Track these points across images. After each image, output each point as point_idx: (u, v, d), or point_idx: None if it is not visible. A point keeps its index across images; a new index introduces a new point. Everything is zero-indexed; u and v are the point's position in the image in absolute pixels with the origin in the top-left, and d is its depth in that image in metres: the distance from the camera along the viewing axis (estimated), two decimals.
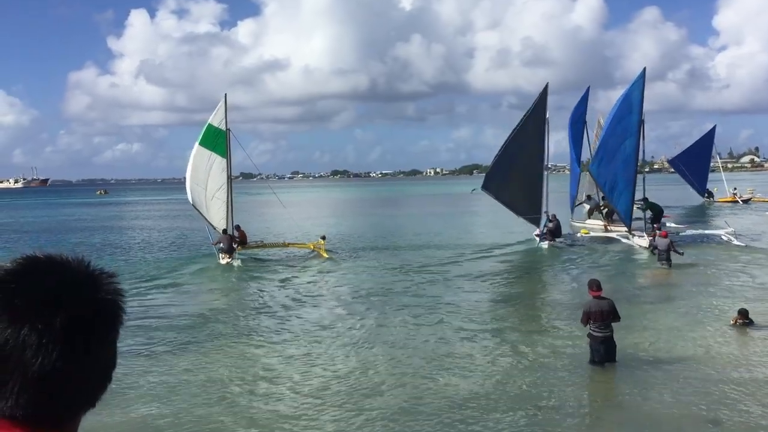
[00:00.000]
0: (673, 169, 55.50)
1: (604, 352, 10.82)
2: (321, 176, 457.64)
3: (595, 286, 11.00)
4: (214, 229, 26.85)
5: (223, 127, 27.35)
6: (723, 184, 53.80)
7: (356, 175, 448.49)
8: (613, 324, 10.86)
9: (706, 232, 30.46)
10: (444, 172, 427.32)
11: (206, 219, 27.19)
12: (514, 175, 29.34)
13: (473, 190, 30.63)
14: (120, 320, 1.20)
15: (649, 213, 30.24)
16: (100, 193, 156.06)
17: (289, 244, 28.62)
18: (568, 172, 47.08)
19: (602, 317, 10.74)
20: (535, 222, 29.35)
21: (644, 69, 29.68)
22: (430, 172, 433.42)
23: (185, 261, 27.08)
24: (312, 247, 27.71)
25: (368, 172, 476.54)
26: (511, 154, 29.48)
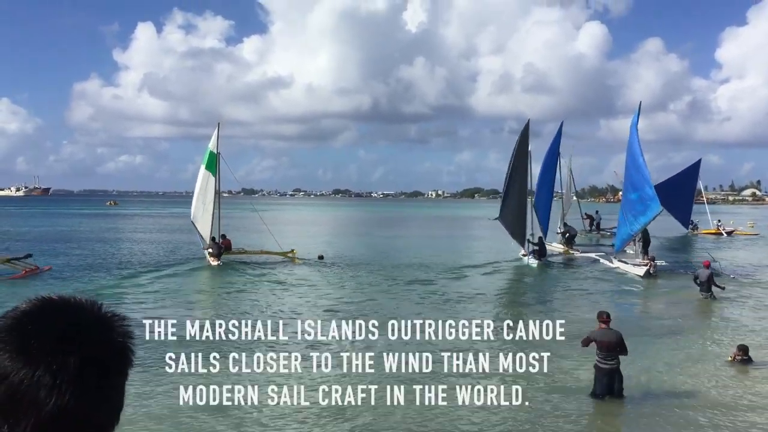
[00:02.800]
0: None
1: (606, 384, 10.63)
2: (322, 194, 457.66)
3: (605, 315, 10.97)
4: (202, 238, 31.04)
5: (216, 150, 31.66)
6: (707, 217, 53.85)
7: (358, 195, 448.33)
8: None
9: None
10: (445, 194, 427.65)
11: (199, 231, 31.23)
12: (511, 203, 32.90)
13: (494, 218, 34.11)
14: (130, 362, 1.23)
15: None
16: (110, 204, 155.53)
17: (265, 251, 31.94)
18: (574, 200, 48.51)
19: (608, 347, 10.58)
20: (523, 243, 32.17)
21: (640, 103, 31.48)
22: (431, 194, 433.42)
23: (181, 265, 30.09)
24: (285, 255, 31.23)
25: (370, 192, 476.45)
26: (508, 184, 33.11)
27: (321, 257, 31.77)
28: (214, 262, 28.92)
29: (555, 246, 37.08)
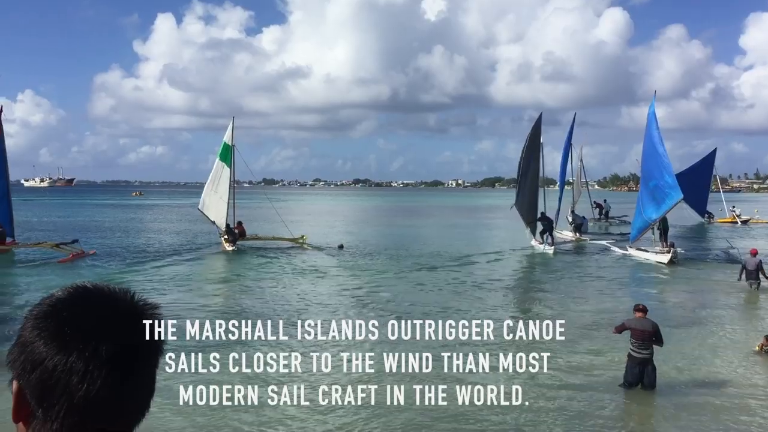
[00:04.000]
0: None
1: (638, 374, 10.61)
2: (343, 184, 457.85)
3: (641, 306, 11.01)
4: (214, 224, 32.64)
5: (231, 143, 33.35)
6: (723, 205, 54.13)
7: (378, 185, 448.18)
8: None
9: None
10: (466, 184, 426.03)
11: (208, 218, 32.88)
12: (524, 193, 33.91)
13: (511, 207, 35.05)
14: (160, 350, 1.27)
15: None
16: (136, 194, 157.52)
17: (277, 237, 33.70)
18: (591, 188, 49.60)
19: (642, 336, 10.57)
20: (534, 232, 33.11)
21: (654, 93, 31.91)
22: (451, 184, 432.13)
23: (200, 250, 32.34)
24: (295, 241, 32.98)
25: (390, 182, 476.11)
26: (522, 174, 34.21)
27: (341, 246, 32.43)
28: (229, 248, 30.58)
29: (565, 234, 37.78)
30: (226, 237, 31.34)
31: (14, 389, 1.21)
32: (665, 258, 27.24)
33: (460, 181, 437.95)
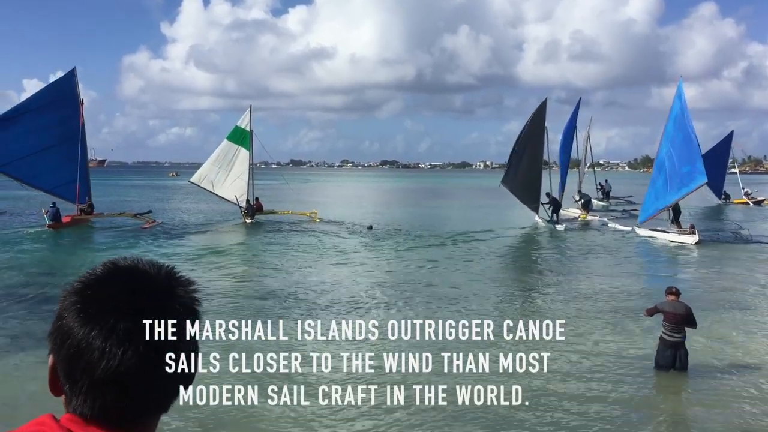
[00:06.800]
0: None
1: (670, 358, 10.53)
2: (370, 165, 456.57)
3: (674, 289, 10.90)
4: (224, 200, 36.56)
5: (248, 129, 36.91)
6: (738, 188, 55.06)
7: (405, 166, 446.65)
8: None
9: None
10: (494, 165, 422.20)
11: (213, 192, 36.40)
12: (521, 172, 35.49)
13: (500, 185, 37.30)
14: (191, 332, 1.24)
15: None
16: (172, 175, 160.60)
17: (292, 212, 37.83)
18: (621, 169, 51.21)
19: (675, 319, 10.46)
20: (537, 210, 35.20)
21: (680, 79, 31.56)
22: (479, 165, 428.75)
23: (226, 222, 36.11)
24: (308, 214, 37.11)
25: (417, 163, 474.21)
26: (520, 155, 35.66)
27: (370, 227, 33.04)
28: (248, 221, 34.54)
29: (572, 211, 39.69)
30: (245, 211, 34.95)
31: (50, 363, 1.23)
32: (692, 239, 27.17)
33: (488, 163, 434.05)
